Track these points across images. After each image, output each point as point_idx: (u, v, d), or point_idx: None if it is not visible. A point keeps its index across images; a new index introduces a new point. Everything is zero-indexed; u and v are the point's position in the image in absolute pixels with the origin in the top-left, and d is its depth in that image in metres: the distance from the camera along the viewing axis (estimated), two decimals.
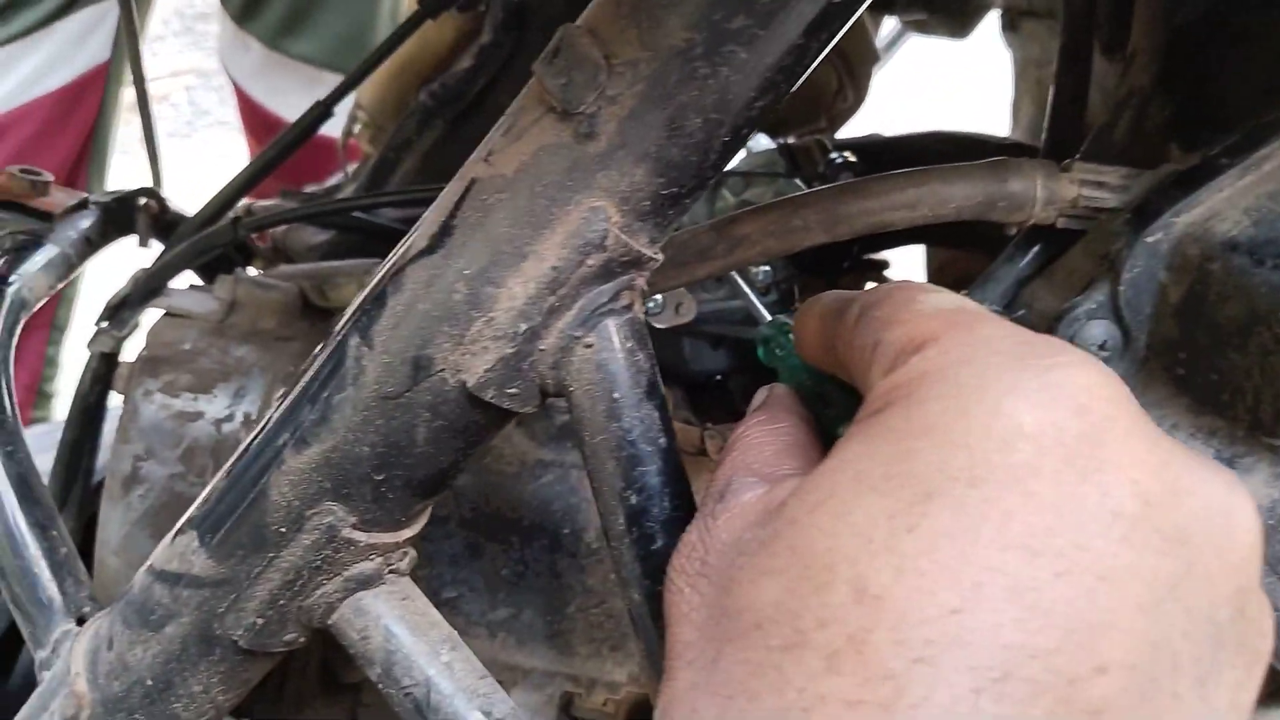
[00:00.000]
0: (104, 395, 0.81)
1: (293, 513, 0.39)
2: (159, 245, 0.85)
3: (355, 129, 1.15)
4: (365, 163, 1.10)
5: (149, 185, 0.88)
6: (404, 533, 0.41)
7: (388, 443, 0.38)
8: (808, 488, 0.30)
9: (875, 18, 1.19)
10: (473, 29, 1.02)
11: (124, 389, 0.74)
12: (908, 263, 0.92)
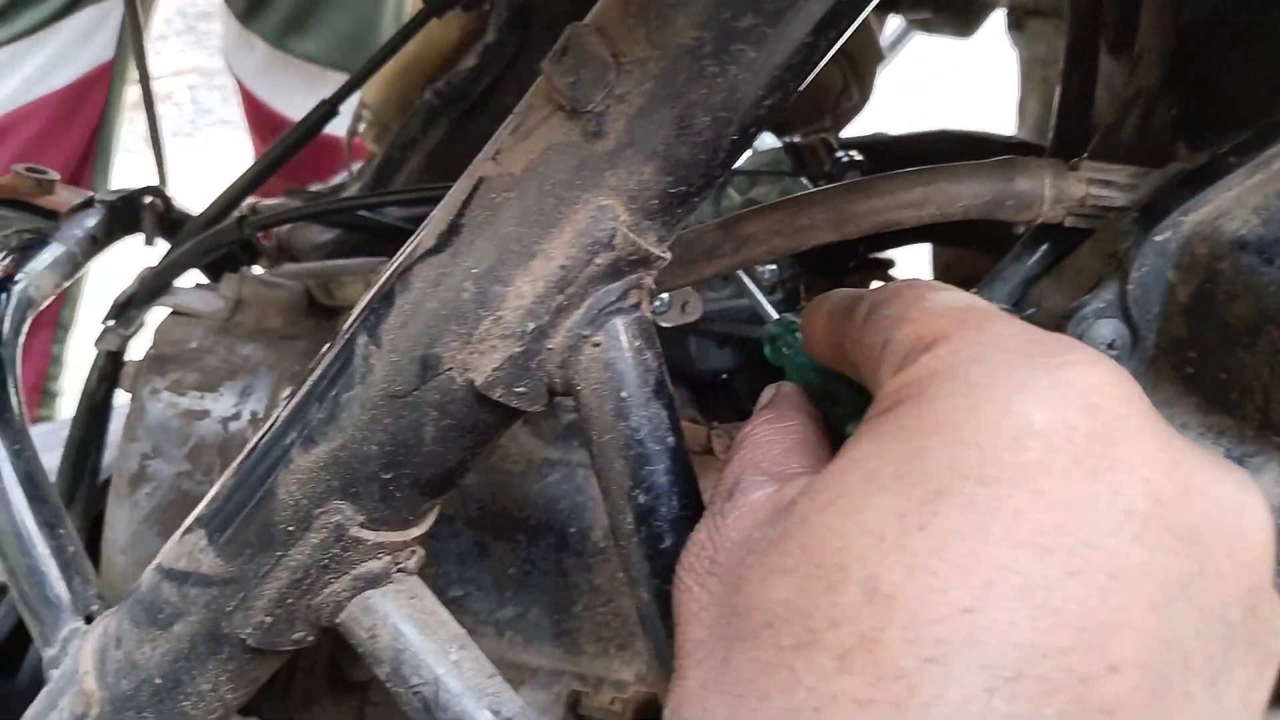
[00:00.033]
0: (110, 393, 0.81)
1: (301, 511, 0.40)
2: (164, 244, 0.85)
3: (360, 128, 1.15)
4: (370, 161, 1.10)
5: (154, 184, 0.88)
6: (412, 531, 0.41)
7: (396, 441, 0.38)
8: (818, 486, 0.30)
9: (880, 16, 1.19)
10: (477, 28, 1.02)
11: (131, 387, 0.74)
12: (913, 262, 0.92)
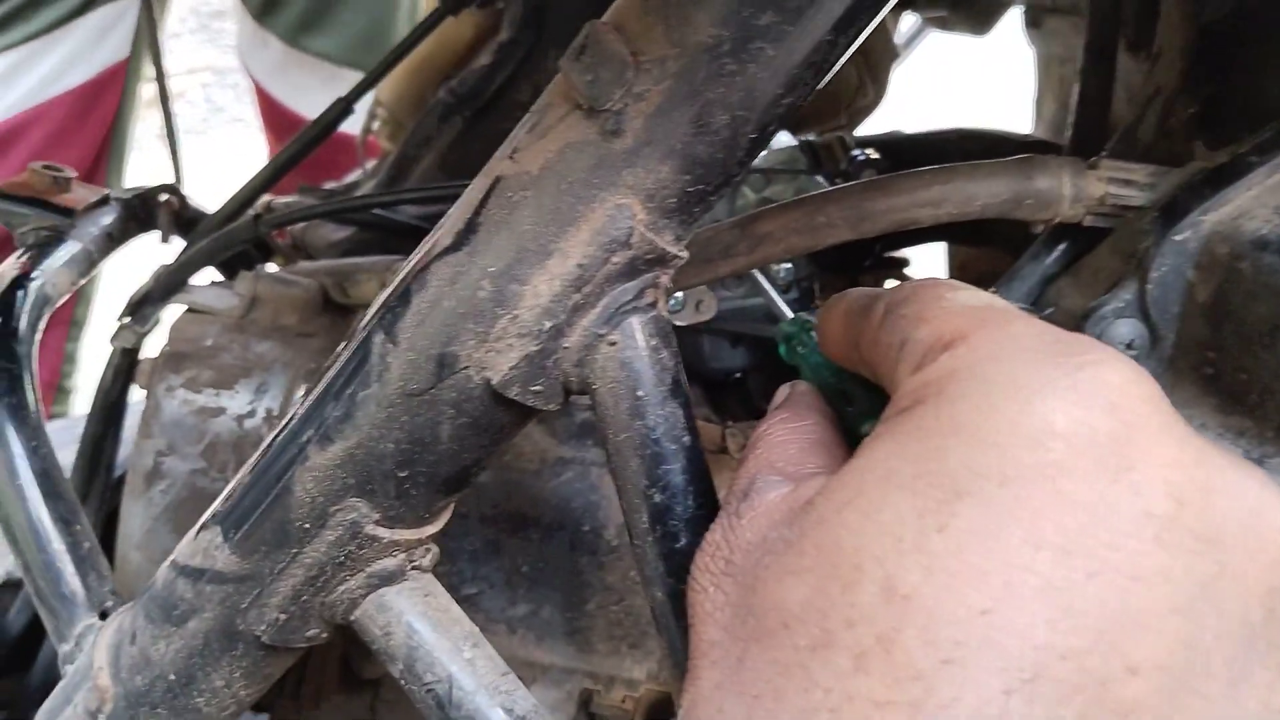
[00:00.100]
0: (126, 390, 0.82)
1: (316, 509, 0.40)
2: (179, 241, 0.86)
3: (375, 126, 1.15)
4: (384, 159, 1.10)
5: (169, 182, 0.88)
6: (427, 529, 0.41)
7: (412, 440, 0.38)
8: (835, 486, 0.29)
9: (895, 14, 1.18)
10: (492, 26, 1.02)
11: (146, 384, 0.74)
12: (928, 261, 0.92)
